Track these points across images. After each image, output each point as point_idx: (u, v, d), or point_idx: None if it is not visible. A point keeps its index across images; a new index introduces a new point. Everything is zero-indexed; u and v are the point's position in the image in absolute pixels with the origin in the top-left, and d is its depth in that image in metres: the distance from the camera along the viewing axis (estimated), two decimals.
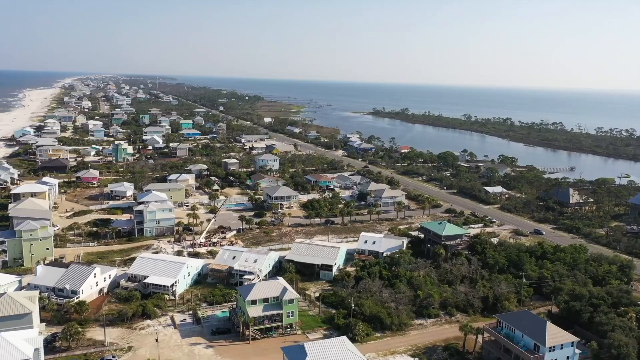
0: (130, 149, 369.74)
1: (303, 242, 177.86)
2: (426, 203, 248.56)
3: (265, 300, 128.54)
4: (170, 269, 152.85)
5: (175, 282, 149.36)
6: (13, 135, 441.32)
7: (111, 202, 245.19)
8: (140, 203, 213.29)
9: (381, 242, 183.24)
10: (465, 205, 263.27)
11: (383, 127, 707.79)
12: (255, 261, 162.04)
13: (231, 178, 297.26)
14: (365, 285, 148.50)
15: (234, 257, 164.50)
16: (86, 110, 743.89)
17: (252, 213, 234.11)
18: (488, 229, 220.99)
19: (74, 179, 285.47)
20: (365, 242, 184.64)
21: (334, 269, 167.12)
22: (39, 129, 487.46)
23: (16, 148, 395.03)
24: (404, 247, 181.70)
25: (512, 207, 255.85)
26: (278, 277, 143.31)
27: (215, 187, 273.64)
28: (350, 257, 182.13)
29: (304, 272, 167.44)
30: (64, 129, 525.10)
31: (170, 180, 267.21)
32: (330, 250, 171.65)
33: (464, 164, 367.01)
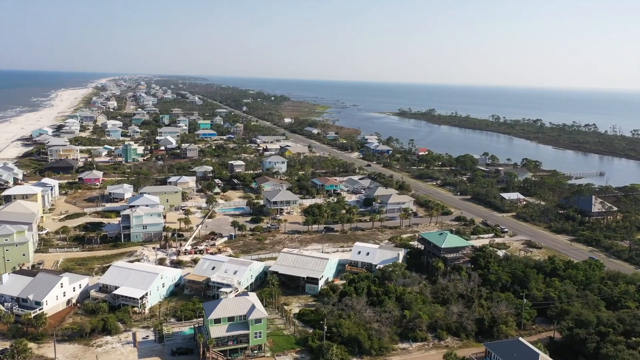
0: (140, 150, 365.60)
1: (290, 252, 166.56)
2: (434, 210, 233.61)
3: (230, 319, 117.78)
4: (143, 279, 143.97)
5: (146, 294, 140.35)
6: (31, 135, 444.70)
7: (108, 205, 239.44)
8: (131, 206, 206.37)
9: (375, 253, 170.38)
10: (477, 213, 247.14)
11: (407, 129, 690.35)
12: (235, 272, 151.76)
13: (235, 180, 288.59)
14: (349, 302, 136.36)
15: (213, 268, 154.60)
16: (111, 110, 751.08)
17: (249, 218, 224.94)
18: (498, 240, 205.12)
19: (77, 180, 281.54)
20: (359, 253, 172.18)
21: (321, 282, 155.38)
22: (59, 129, 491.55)
23: (31, 148, 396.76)
24: (400, 260, 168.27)
25: (528, 216, 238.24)
26: (249, 293, 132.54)
27: (217, 190, 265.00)
28: (343, 268, 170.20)
29: (288, 285, 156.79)
30: (84, 128, 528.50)
31: (170, 183, 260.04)
32: (318, 262, 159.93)
33: (482, 168, 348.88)
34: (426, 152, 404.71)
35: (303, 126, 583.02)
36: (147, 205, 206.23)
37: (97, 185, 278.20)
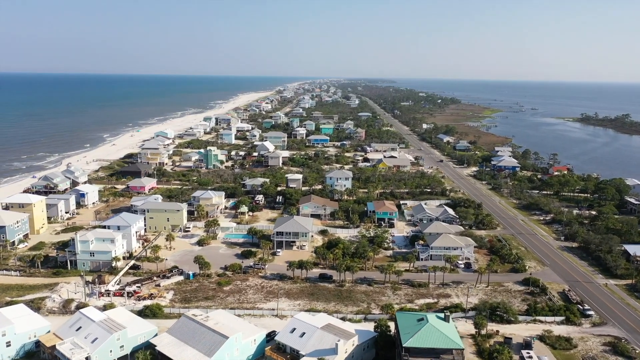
0: (221, 156, 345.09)
1: (192, 319, 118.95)
2: (485, 267, 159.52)
3: None
4: None
5: None
6: (153, 137, 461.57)
7: None
8: (102, 226, 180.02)
9: (312, 336, 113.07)
10: (568, 274, 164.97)
11: (577, 138, 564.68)
12: (94, 341, 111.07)
13: (279, 198, 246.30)
14: None
15: (79, 328, 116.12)
16: (264, 112, 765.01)
17: (247, 250, 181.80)
18: (563, 329, 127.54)
19: (125, 187, 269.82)
20: (292, 331, 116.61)
21: None
22: (187, 131, 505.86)
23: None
24: (343, 353, 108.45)
25: None
26: None
27: (243, 209, 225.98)
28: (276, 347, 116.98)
29: None
30: (215, 130, 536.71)
31: (194, 198, 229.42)
32: (215, 340, 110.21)
33: (632, 200, 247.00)
34: (564, 172, 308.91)
35: (437, 133, 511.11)
36: (118, 227, 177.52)
37: (144, 193, 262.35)
